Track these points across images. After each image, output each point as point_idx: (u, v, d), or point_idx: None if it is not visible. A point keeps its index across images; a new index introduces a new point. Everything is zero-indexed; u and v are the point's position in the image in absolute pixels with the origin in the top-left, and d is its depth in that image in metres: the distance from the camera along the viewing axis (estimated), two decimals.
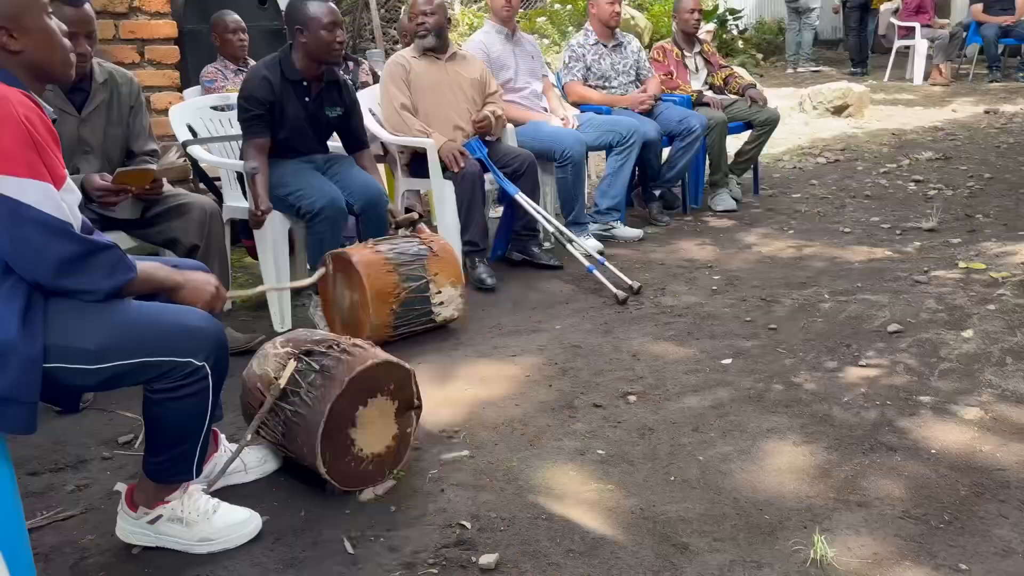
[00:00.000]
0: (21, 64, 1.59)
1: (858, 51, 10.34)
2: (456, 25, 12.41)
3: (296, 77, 3.11)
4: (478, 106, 3.86)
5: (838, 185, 5.37)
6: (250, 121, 3.09)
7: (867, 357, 2.68)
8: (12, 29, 1.56)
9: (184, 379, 1.65)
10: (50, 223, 1.50)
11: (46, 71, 1.64)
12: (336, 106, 3.27)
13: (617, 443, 2.22)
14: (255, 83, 3.08)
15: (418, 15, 3.80)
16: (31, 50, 1.59)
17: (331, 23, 3.02)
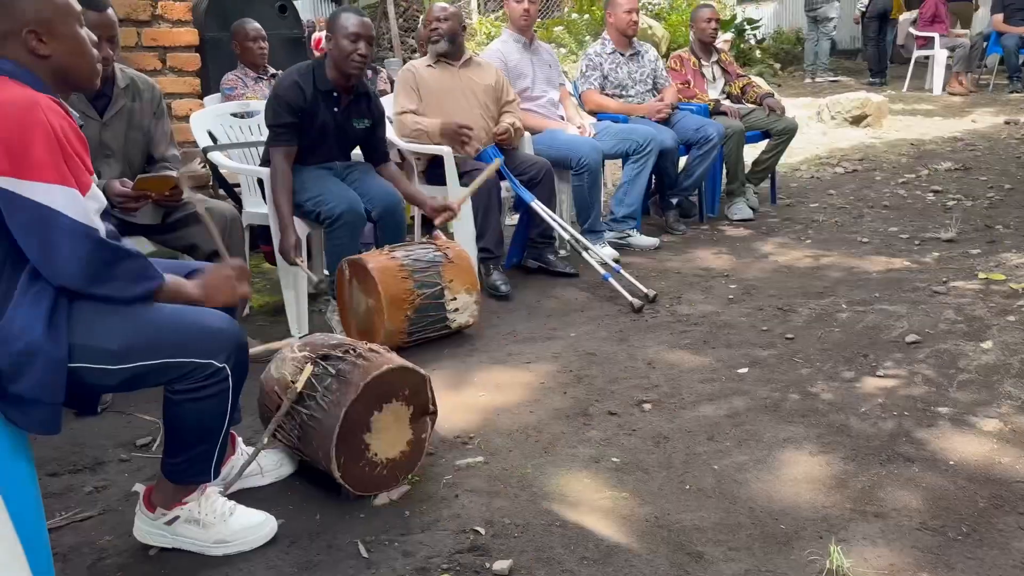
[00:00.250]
0: (49, 69, 1.62)
1: (877, 61, 10.29)
2: (474, 34, 12.48)
3: (327, 87, 3.14)
4: (492, 112, 3.87)
5: (856, 195, 5.35)
6: (280, 128, 3.09)
7: (885, 367, 2.66)
8: (42, 33, 1.59)
9: (205, 380, 1.67)
10: (77, 228, 1.52)
11: (72, 78, 1.67)
12: (364, 118, 3.29)
13: (632, 451, 2.21)
14: (288, 89, 3.09)
15: (432, 21, 3.86)
16: (60, 56, 1.62)
17: (354, 34, 3.04)
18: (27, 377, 1.50)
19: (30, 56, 1.59)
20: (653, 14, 11.82)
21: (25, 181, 1.48)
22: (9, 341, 1.50)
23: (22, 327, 1.50)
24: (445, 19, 3.82)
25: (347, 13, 3.10)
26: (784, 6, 15.48)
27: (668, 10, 12.31)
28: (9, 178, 1.47)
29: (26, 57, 1.59)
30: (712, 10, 5.01)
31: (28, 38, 1.58)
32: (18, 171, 1.47)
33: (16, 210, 1.49)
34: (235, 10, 5.16)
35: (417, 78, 3.80)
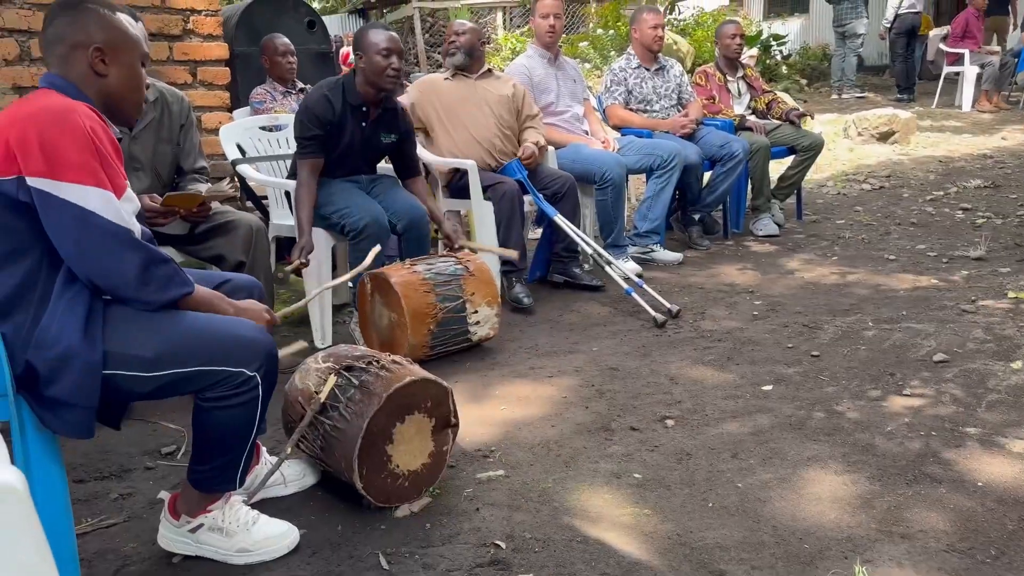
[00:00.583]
0: (100, 90, 1.68)
1: (904, 77, 10.22)
2: (499, 49, 12.57)
3: (356, 101, 3.17)
4: (508, 122, 3.90)
5: (883, 212, 5.30)
6: (307, 140, 3.13)
7: (912, 387, 2.62)
8: (107, 54, 1.67)
9: (235, 388, 1.68)
10: (111, 229, 1.55)
11: (116, 107, 1.73)
12: (392, 132, 3.32)
13: (654, 467, 2.20)
14: (317, 102, 3.13)
15: (451, 35, 3.93)
16: (115, 81, 1.70)
17: (387, 49, 3.08)
18: (63, 381, 1.52)
19: (89, 72, 1.66)
20: (678, 30, 11.84)
21: (60, 182, 1.51)
22: (46, 346, 1.52)
23: (59, 332, 1.53)
24: (463, 33, 3.90)
25: (375, 30, 3.15)
26: (811, 22, 15.45)
27: (693, 26, 12.33)
28: (45, 179, 1.51)
29: (83, 72, 1.66)
30: (737, 26, 5.01)
31: (94, 54, 1.66)
32: (53, 172, 1.51)
33: (51, 210, 1.52)
34: (265, 25, 5.24)
35: (420, 89, 3.87)
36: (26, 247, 1.56)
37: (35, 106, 1.55)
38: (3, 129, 1.53)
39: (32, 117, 1.53)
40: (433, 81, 3.97)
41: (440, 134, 3.85)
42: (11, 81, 3.49)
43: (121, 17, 1.72)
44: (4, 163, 1.51)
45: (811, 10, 15.49)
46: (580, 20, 14.02)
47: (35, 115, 1.53)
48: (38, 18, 3.51)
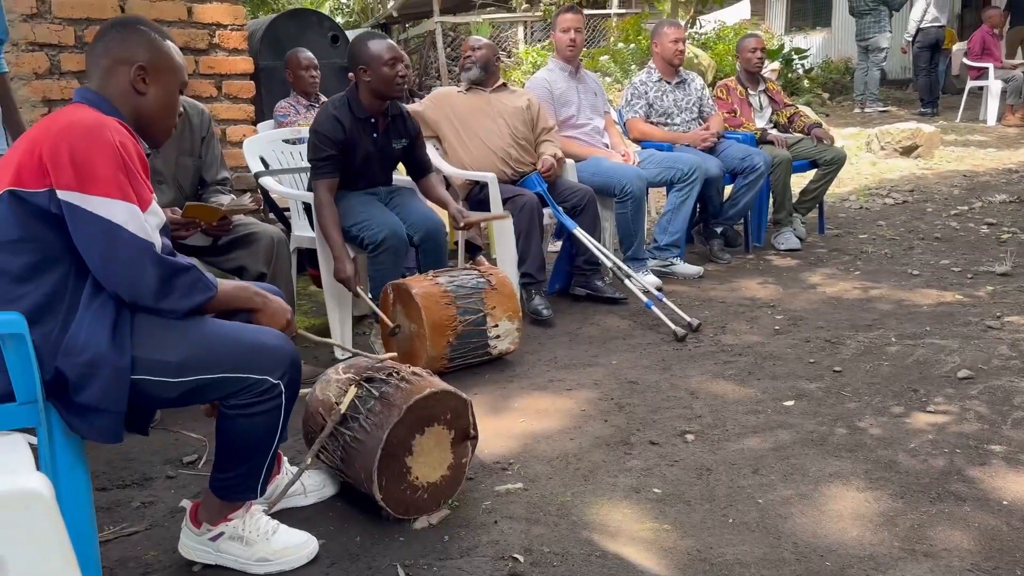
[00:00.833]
0: (134, 107, 1.73)
1: (928, 91, 10.14)
2: (520, 63, 12.62)
3: (364, 115, 3.21)
4: (523, 134, 3.93)
5: (906, 227, 5.25)
6: (322, 161, 3.16)
7: (935, 403, 2.59)
8: (149, 74, 1.73)
9: (259, 396, 1.70)
10: (136, 243, 1.57)
11: (148, 127, 1.77)
12: (402, 137, 3.36)
13: (674, 482, 2.19)
14: (326, 124, 3.16)
15: (467, 51, 4.00)
16: (151, 101, 1.75)
17: (391, 59, 3.12)
18: (92, 386, 1.55)
19: (128, 88, 1.72)
20: (699, 43, 11.84)
21: (89, 196, 1.54)
22: (75, 352, 1.54)
23: (87, 339, 1.55)
24: (479, 48, 3.96)
25: (373, 41, 3.17)
26: (833, 36, 15.40)
27: (714, 39, 12.32)
28: (75, 192, 1.54)
29: (123, 88, 1.71)
30: (758, 40, 5.00)
31: (136, 72, 1.71)
32: (83, 186, 1.54)
33: (80, 223, 1.54)
34: (289, 39, 5.30)
35: (430, 104, 3.94)
36: (56, 257, 1.59)
37: (67, 120, 1.59)
38: (36, 142, 1.56)
39: (64, 131, 1.56)
40: (448, 93, 4.01)
41: (455, 145, 3.88)
42: (41, 94, 3.56)
43: (169, 44, 1.79)
44: (36, 176, 1.55)
45: (833, 24, 15.45)
46: (601, 34, 14.06)
47: (67, 129, 1.56)
48: (69, 33, 3.57)
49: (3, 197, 1.55)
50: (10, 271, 1.56)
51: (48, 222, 1.56)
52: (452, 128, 3.89)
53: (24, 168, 1.55)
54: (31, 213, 1.55)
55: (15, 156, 1.58)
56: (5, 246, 1.56)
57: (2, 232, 1.56)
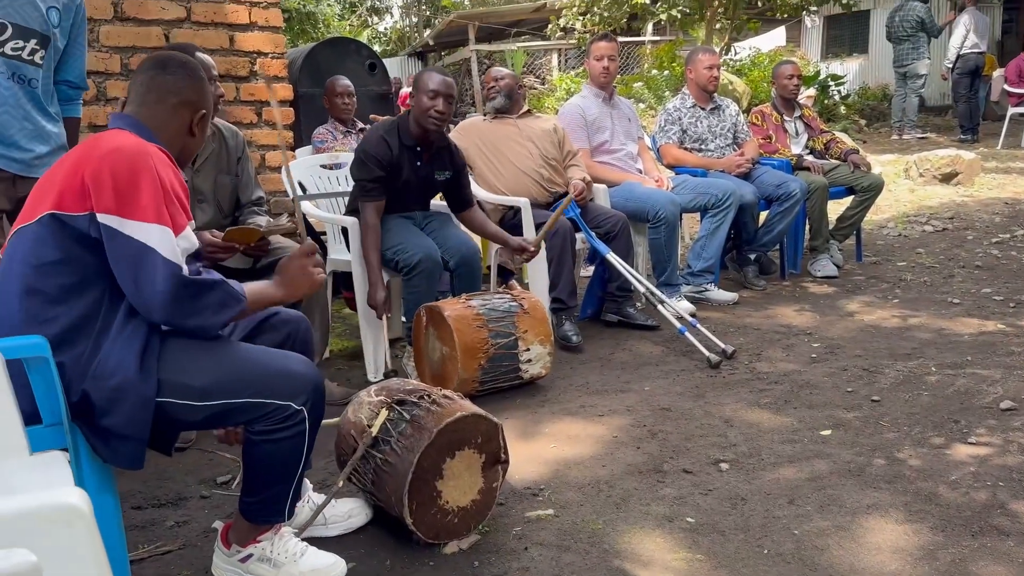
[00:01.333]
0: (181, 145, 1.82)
1: (968, 118, 10.01)
2: (554, 90, 12.72)
3: (411, 142, 3.26)
4: (553, 155, 3.96)
5: (946, 254, 5.16)
6: (370, 183, 3.20)
7: (977, 434, 2.53)
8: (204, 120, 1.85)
9: (283, 422, 1.71)
10: (167, 265, 1.60)
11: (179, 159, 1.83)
12: (445, 170, 3.39)
13: (707, 512, 2.16)
14: (376, 144, 3.22)
15: (490, 81, 4.08)
16: (195, 142, 1.86)
17: (433, 91, 3.16)
18: (117, 412, 1.57)
19: (183, 128, 1.81)
20: (734, 70, 11.83)
21: (127, 219, 1.58)
22: (103, 377, 1.57)
23: (116, 364, 1.58)
24: (502, 78, 4.04)
25: (430, 73, 3.24)
26: (870, 62, 15.30)
27: (749, 66, 12.31)
28: (114, 216, 1.57)
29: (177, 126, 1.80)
30: (795, 66, 4.99)
31: (200, 117, 1.83)
32: (123, 210, 1.58)
33: (117, 246, 1.58)
34: (328, 67, 5.41)
35: (474, 131, 3.99)
36: (92, 280, 1.62)
37: (110, 145, 1.63)
38: (78, 166, 1.61)
39: (107, 156, 1.60)
40: (473, 123, 4.08)
41: (485, 171, 3.91)
42: (87, 120, 3.66)
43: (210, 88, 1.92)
44: (78, 200, 1.59)
45: (870, 51, 15.36)
46: (635, 61, 14.12)
47: (110, 154, 1.61)
48: (115, 60, 3.68)
49: (44, 219, 1.59)
50: (45, 291, 1.59)
51: (87, 245, 1.60)
52: (482, 155, 3.92)
53: (66, 192, 1.59)
54: (71, 236, 1.59)
55: (57, 179, 1.63)
56: (43, 267, 1.59)
57: (41, 253, 1.59)
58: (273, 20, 4.14)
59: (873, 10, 14.94)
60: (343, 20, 21.17)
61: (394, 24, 25.33)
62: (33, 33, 2.43)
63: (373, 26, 23.57)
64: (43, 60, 2.49)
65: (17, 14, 2.39)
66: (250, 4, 4.05)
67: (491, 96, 4.03)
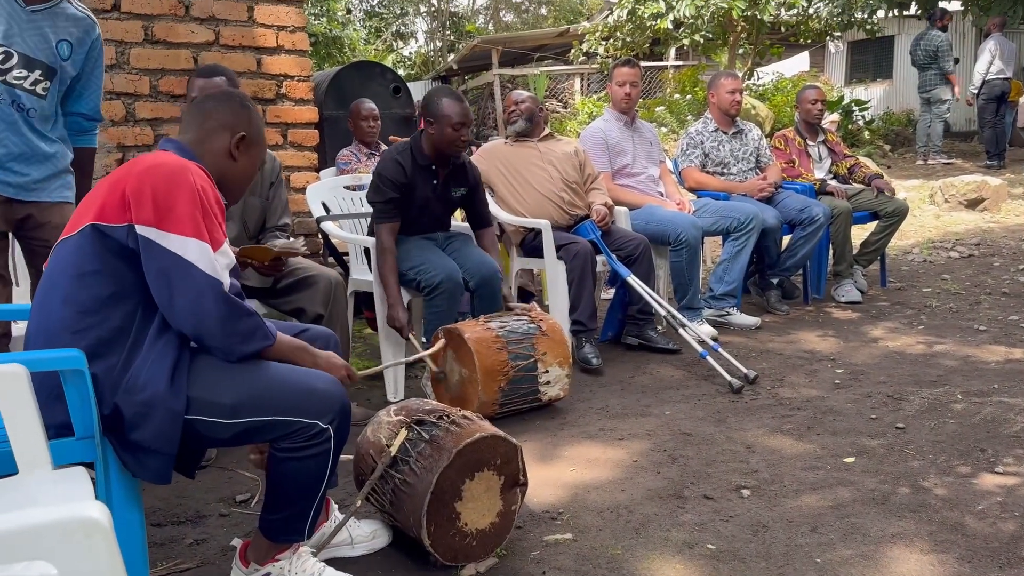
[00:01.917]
0: (221, 169, 1.83)
1: (994, 144, 9.92)
2: (576, 114, 12.78)
3: (425, 163, 3.29)
4: (574, 178, 3.97)
5: (972, 281, 5.10)
6: (384, 204, 3.24)
7: (1004, 464, 2.48)
8: (246, 144, 1.86)
9: (309, 440, 1.72)
10: (206, 280, 1.62)
11: (225, 187, 1.85)
12: (461, 186, 3.42)
13: (728, 539, 2.13)
14: (389, 167, 3.26)
15: (511, 105, 4.09)
16: (239, 168, 1.87)
17: (459, 123, 3.20)
18: (146, 426, 1.59)
19: (224, 151, 1.83)
20: (757, 95, 11.84)
21: (165, 232, 1.61)
22: (134, 391, 1.59)
23: (147, 379, 1.60)
24: (522, 102, 4.05)
25: (448, 100, 3.23)
26: (894, 87, 15.24)
27: (772, 91, 12.31)
28: (152, 228, 1.60)
29: (219, 149, 1.83)
30: (819, 91, 4.98)
31: (238, 140, 1.84)
32: (161, 223, 1.61)
33: (153, 258, 1.61)
34: (353, 90, 5.48)
35: (495, 155, 4.00)
36: (127, 292, 1.65)
37: (151, 162, 1.67)
38: (120, 180, 1.65)
39: (149, 171, 1.64)
40: (495, 146, 4.10)
41: (506, 194, 3.93)
42: (116, 140, 3.73)
43: (262, 122, 1.94)
44: (118, 211, 1.62)
45: (895, 76, 15.30)
46: (657, 85, 14.17)
47: (152, 169, 1.65)
48: (144, 82, 3.75)
49: (86, 230, 1.63)
50: (80, 302, 1.62)
51: (124, 257, 1.63)
52: (502, 178, 3.94)
53: (107, 204, 1.63)
54: (109, 248, 1.62)
55: (100, 192, 1.67)
56: (80, 278, 1.62)
57: (80, 264, 1.63)
58: (300, 44, 4.21)
59: (897, 36, 14.91)
60: (368, 44, 21.46)
61: (418, 49, 25.66)
62: (39, 64, 2.45)
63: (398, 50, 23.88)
64: (46, 91, 2.49)
65: (24, 44, 2.41)
66: (277, 28, 4.13)
67: (512, 120, 4.05)
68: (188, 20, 3.86)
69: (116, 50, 3.68)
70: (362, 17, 23.48)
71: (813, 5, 11.00)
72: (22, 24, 2.40)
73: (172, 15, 3.81)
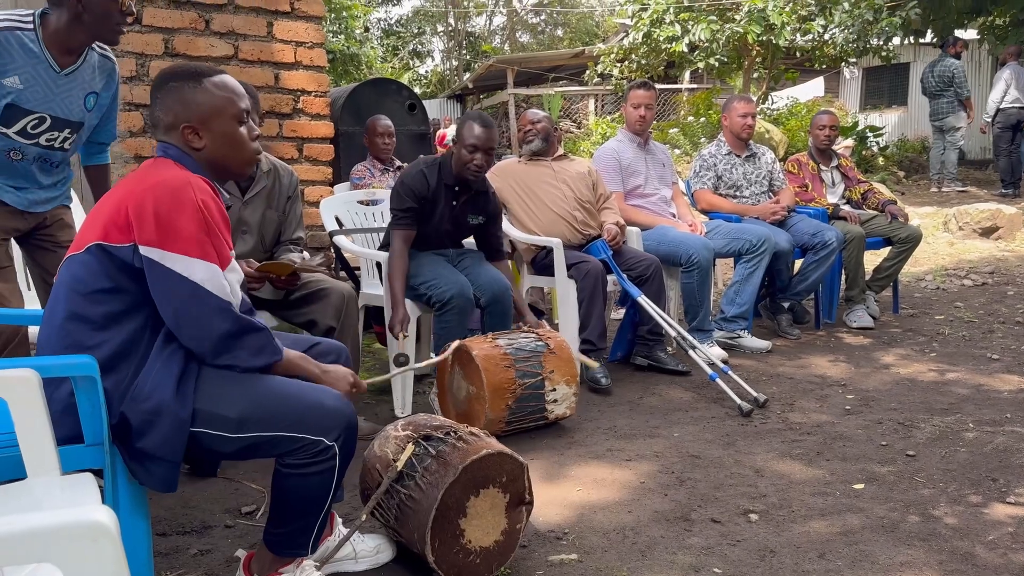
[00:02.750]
0: (202, 159, 1.79)
1: (1009, 172, 9.88)
2: (589, 134, 12.83)
3: (450, 181, 3.32)
4: (588, 197, 3.98)
5: (986, 309, 5.07)
6: (402, 212, 3.28)
7: (1016, 494, 2.45)
8: (198, 129, 1.77)
9: (314, 456, 1.72)
10: (211, 302, 1.63)
11: (223, 168, 1.84)
12: (479, 214, 3.44)
13: (735, 563, 2.11)
14: (414, 177, 3.30)
15: (527, 124, 4.10)
16: (212, 149, 1.79)
17: (473, 146, 3.22)
18: (152, 434, 1.59)
19: (187, 147, 1.78)
20: (771, 119, 11.85)
21: (168, 252, 1.61)
22: (140, 399, 1.60)
23: (153, 387, 1.60)
24: (538, 121, 4.06)
25: (472, 123, 3.27)
26: (909, 114, 15.23)
27: (787, 115, 12.33)
28: (156, 248, 1.61)
29: (185, 147, 1.78)
30: (831, 117, 4.99)
31: (184, 132, 1.76)
32: (164, 243, 1.61)
33: (157, 278, 1.62)
34: (369, 107, 5.52)
35: (509, 174, 4.01)
36: (136, 309, 1.66)
37: (154, 179, 1.67)
38: (123, 199, 1.65)
39: (151, 190, 1.64)
40: (509, 164, 4.12)
41: (520, 212, 3.94)
42: (134, 151, 3.77)
43: (206, 86, 1.76)
44: (122, 232, 1.63)
45: (909, 102, 15.30)
46: (671, 107, 14.22)
47: (153, 188, 1.64)
48: None
49: (92, 249, 1.64)
50: (90, 318, 1.63)
51: (131, 275, 1.64)
52: (516, 196, 3.96)
53: (111, 224, 1.64)
54: (116, 266, 1.63)
55: (104, 211, 1.67)
56: (90, 295, 1.64)
57: (89, 281, 1.64)
58: (317, 60, 4.26)
59: (912, 63, 14.92)
60: (385, 62, 21.65)
61: (435, 67, 25.87)
62: (69, 123, 2.53)
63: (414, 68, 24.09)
64: (72, 145, 2.59)
65: (59, 107, 2.47)
66: (296, 44, 4.17)
67: (528, 139, 4.07)
68: (208, 34, 3.91)
69: (136, 62, 3.73)
70: (380, 35, 23.72)
71: (828, 31, 11.02)
72: (57, 89, 2.46)
73: (192, 29, 3.86)
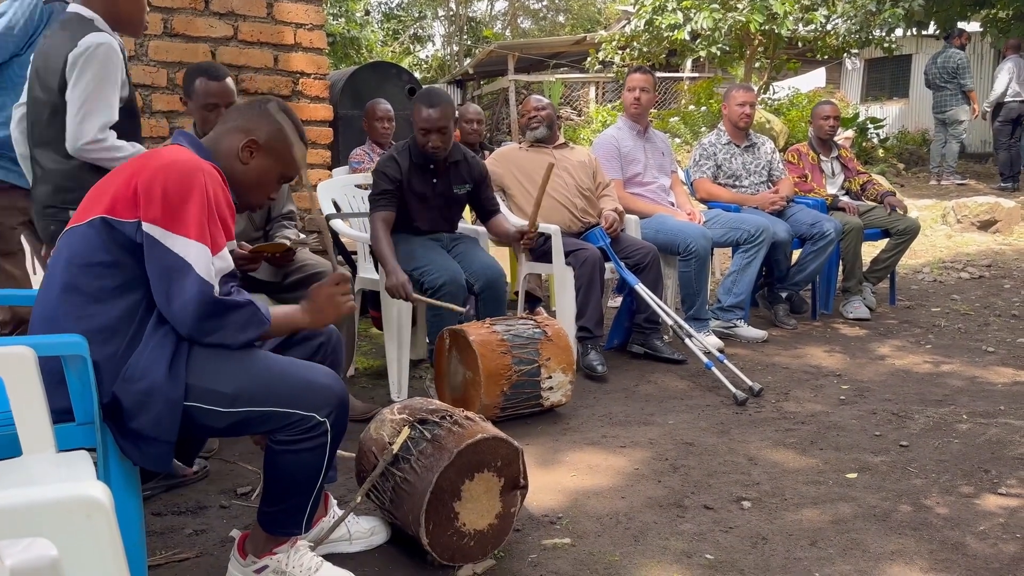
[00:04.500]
0: (232, 170, 1.83)
1: (1009, 166, 9.88)
2: (590, 122, 12.80)
3: (421, 160, 3.32)
4: (588, 186, 3.98)
5: (982, 302, 5.08)
6: (378, 195, 3.30)
7: (1008, 485, 2.47)
8: (257, 150, 1.84)
9: (305, 433, 1.72)
10: (199, 283, 1.62)
11: (236, 191, 1.85)
12: (464, 183, 3.43)
13: (727, 549, 2.12)
14: (386, 163, 3.33)
15: (531, 110, 4.08)
16: (249, 173, 1.85)
17: (424, 130, 3.22)
18: (145, 415, 1.60)
19: (234, 153, 1.83)
20: (772, 109, 11.83)
21: (169, 232, 1.61)
22: (133, 379, 1.60)
23: (146, 368, 1.60)
24: (542, 108, 4.05)
25: (420, 105, 3.24)
26: (910, 106, 15.20)
27: (787, 105, 12.30)
28: (158, 227, 1.61)
29: (230, 149, 1.83)
30: (833, 107, 4.98)
31: (247, 143, 1.83)
32: (168, 223, 1.61)
33: (155, 256, 1.62)
34: (368, 91, 5.51)
35: (510, 160, 4.01)
36: (132, 285, 1.66)
37: (167, 159, 1.67)
38: (133, 175, 1.65)
39: (162, 168, 1.65)
40: (510, 150, 4.11)
41: (520, 199, 3.93)
42: None
43: (290, 135, 1.89)
44: (129, 207, 1.63)
45: (911, 95, 15.26)
46: (672, 96, 14.18)
47: (165, 167, 1.65)
48: (162, 75, 3.78)
49: (95, 222, 1.64)
50: (86, 291, 1.63)
51: (132, 251, 1.64)
52: (516, 182, 3.95)
53: (119, 198, 1.64)
54: (118, 241, 1.63)
55: (112, 185, 1.67)
56: (88, 268, 1.63)
57: (88, 254, 1.64)
58: (317, 42, 4.24)
59: (915, 55, 14.87)
60: (386, 46, 21.54)
61: (435, 52, 25.74)
62: None
63: (415, 53, 23.95)
64: None
65: None
66: (295, 26, 4.15)
67: (532, 126, 4.05)
68: (207, 14, 3.88)
69: (135, 41, 3.71)
70: (380, 19, 23.58)
71: (831, 21, 10.97)
72: None
73: (192, 9, 3.84)
